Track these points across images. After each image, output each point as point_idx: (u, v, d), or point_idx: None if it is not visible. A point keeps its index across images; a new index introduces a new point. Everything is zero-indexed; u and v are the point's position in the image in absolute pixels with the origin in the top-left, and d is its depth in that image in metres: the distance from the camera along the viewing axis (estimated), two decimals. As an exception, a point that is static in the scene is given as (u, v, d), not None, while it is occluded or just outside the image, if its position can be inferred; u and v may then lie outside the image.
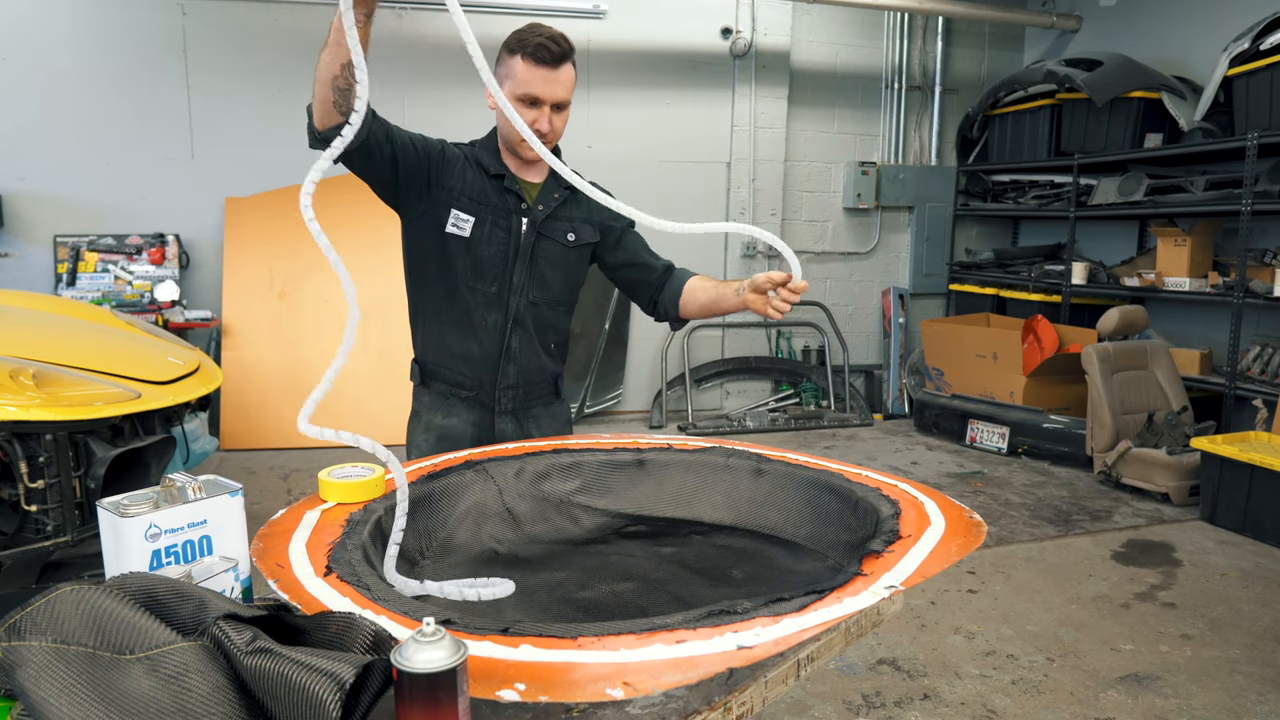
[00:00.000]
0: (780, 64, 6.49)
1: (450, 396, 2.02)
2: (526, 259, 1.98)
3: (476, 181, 1.95)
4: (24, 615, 0.84)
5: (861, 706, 2.72)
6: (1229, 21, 5.39)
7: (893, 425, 6.59)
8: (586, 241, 2.06)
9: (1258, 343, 5.20)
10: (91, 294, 5.28)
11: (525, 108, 1.85)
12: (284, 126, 5.67)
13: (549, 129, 1.87)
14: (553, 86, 1.85)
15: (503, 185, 1.96)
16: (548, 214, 1.99)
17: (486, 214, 1.95)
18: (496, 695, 0.89)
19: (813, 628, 1.04)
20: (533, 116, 1.86)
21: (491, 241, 1.95)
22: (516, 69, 1.84)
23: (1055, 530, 4.28)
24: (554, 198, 2.01)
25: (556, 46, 1.83)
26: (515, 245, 1.97)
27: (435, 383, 2.04)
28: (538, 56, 1.82)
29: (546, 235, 2.00)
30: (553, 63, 1.83)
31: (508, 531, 1.63)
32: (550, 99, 1.86)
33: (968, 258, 7.08)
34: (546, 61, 1.83)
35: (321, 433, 1.23)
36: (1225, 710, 2.71)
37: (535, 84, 1.84)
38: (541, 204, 1.99)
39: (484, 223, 1.94)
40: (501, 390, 2.01)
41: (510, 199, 1.96)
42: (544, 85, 1.84)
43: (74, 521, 2.76)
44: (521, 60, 1.83)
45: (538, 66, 1.83)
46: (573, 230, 2.03)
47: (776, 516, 1.68)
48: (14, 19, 5.22)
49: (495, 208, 1.95)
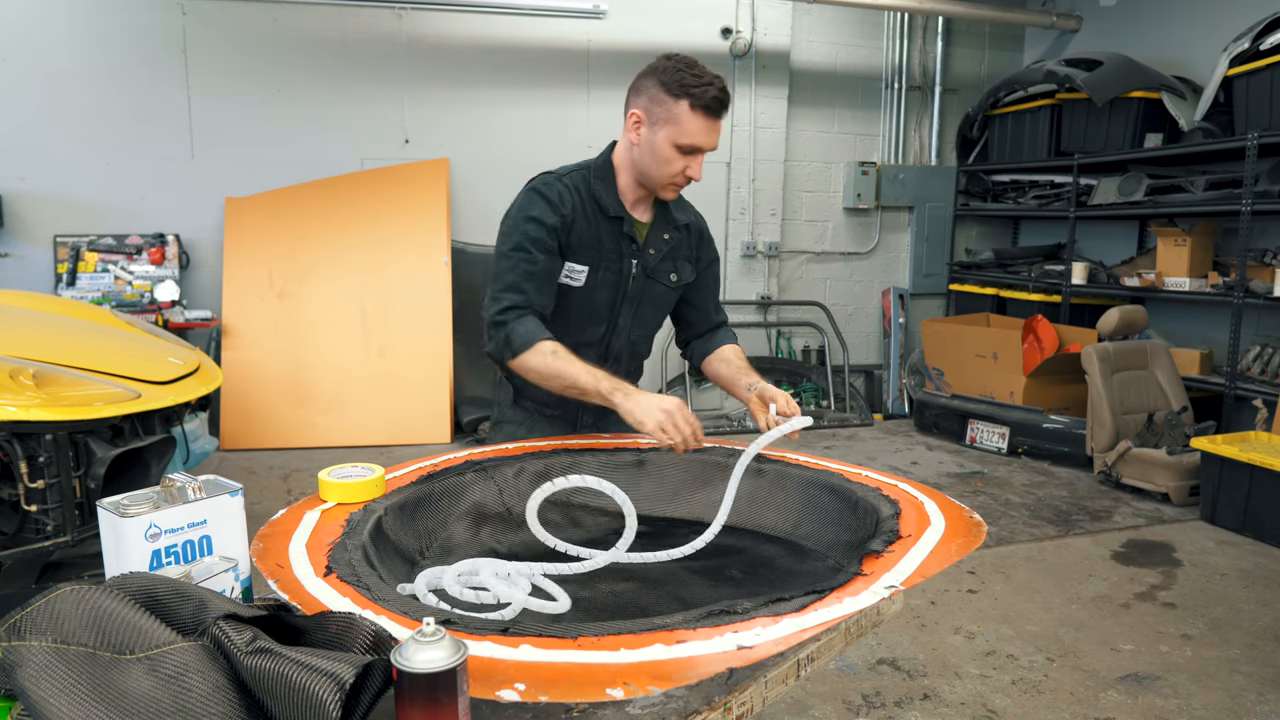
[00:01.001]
0: (780, 64, 6.49)
1: (536, 414, 2.04)
2: (634, 303, 1.97)
3: (593, 227, 1.89)
4: (24, 615, 0.84)
5: (861, 706, 2.72)
6: (1229, 21, 5.39)
7: (893, 425, 6.59)
8: (686, 281, 2.05)
9: (1258, 343, 5.20)
10: (91, 294, 5.28)
11: (681, 155, 1.80)
12: (284, 126, 5.68)
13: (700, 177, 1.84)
14: (714, 137, 1.80)
15: (620, 230, 1.91)
16: (660, 257, 1.96)
17: (601, 261, 1.90)
18: (496, 695, 0.89)
19: (813, 628, 1.04)
20: (685, 164, 1.82)
21: (603, 287, 1.92)
22: (683, 116, 1.76)
23: (1055, 530, 4.28)
24: (664, 239, 1.97)
25: (726, 98, 1.78)
26: (624, 290, 1.95)
27: (525, 400, 2.04)
28: (712, 110, 1.76)
29: (654, 278, 1.98)
30: (719, 116, 1.78)
31: (508, 531, 1.63)
32: (710, 148, 1.82)
33: (968, 258, 7.08)
34: (717, 115, 1.78)
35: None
36: (1225, 710, 2.71)
37: (700, 135, 1.78)
38: (652, 247, 1.95)
39: (598, 269, 1.90)
40: (585, 411, 2.03)
41: (625, 243, 1.92)
42: (707, 136, 1.79)
43: (74, 521, 2.76)
44: (690, 109, 1.75)
45: (707, 118, 1.77)
46: (675, 270, 2.01)
47: (776, 516, 1.68)
48: (14, 19, 5.22)
49: (609, 253, 1.91)
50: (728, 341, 2.10)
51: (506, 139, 6.00)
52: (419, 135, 5.92)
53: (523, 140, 6.04)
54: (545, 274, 1.84)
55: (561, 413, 2.03)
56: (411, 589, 1.27)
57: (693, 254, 2.05)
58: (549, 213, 1.83)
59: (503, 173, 6.11)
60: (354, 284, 5.61)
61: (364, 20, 5.72)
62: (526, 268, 1.82)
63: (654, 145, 1.80)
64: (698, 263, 2.07)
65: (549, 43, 5.98)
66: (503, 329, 1.81)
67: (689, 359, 2.15)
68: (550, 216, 1.83)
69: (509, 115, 6.02)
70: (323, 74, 5.69)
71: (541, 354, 1.78)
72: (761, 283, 6.69)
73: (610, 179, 1.91)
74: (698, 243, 2.06)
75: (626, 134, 1.85)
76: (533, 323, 1.82)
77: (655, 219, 1.97)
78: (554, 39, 5.99)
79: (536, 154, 6.15)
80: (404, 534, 1.47)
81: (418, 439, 5.55)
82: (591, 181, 1.90)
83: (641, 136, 1.82)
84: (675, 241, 1.99)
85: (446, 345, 5.69)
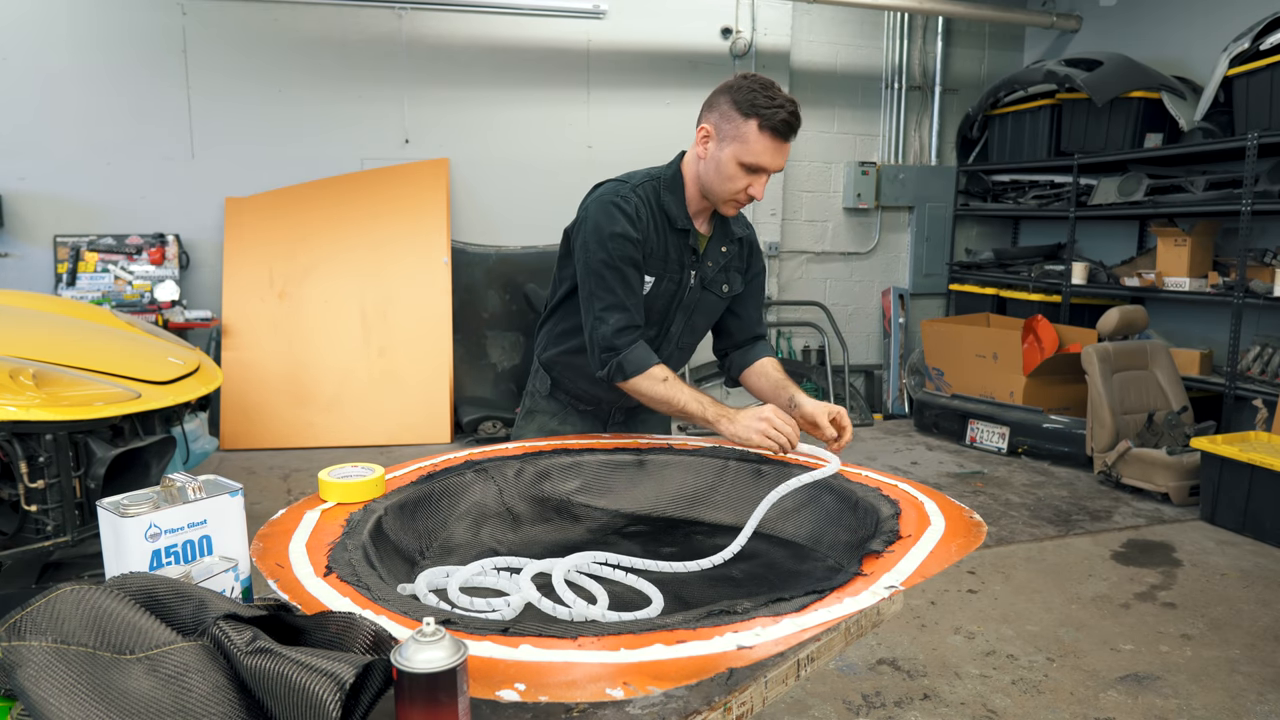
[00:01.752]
0: (780, 64, 6.49)
1: (569, 407, 2.08)
2: (689, 312, 2.00)
3: (661, 239, 1.91)
4: (24, 615, 0.84)
5: (861, 706, 2.72)
6: (1229, 21, 5.39)
7: (893, 425, 6.59)
8: (736, 292, 2.07)
9: (1258, 343, 5.20)
10: (91, 294, 5.28)
11: (745, 174, 1.81)
12: (284, 126, 5.68)
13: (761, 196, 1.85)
14: (780, 158, 1.81)
15: (685, 242, 1.93)
16: (717, 269, 1.99)
17: (665, 271, 1.93)
18: (496, 695, 0.89)
19: (813, 628, 1.04)
20: (748, 182, 1.82)
21: (662, 296, 1.95)
22: (750, 136, 1.77)
23: (1055, 530, 4.28)
24: (722, 252, 2.00)
25: (796, 122, 1.77)
26: (680, 298, 1.97)
27: (560, 393, 2.08)
28: (780, 132, 1.76)
29: (709, 289, 2.00)
30: (788, 139, 1.79)
31: (508, 531, 1.63)
32: (775, 169, 1.82)
33: (968, 258, 7.08)
34: (786, 137, 1.78)
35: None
36: (1225, 710, 2.71)
37: (766, 156, 1.79)
38: (710, 259, 1.98)
39: (661, 280, 1.93)
40: (617, 411, 2.08)
41: (688, 255, 1.95)
42: (773, 157, 1.79)
43: (74, 521, 2.76)
44: (759, 129, 1.76)
45: (774, 139, 1.77)
46: (727, 282, 2.04)
47: (777, 516, 1.68)
48: (14, 19, 5.22)
49: (673, 264, 1.93)
50: (766, 355, 2.12)
51: (506, 139, 6.00)
52: (419, 135, 5.92)
53: (523, 140, 6.04)
54: (639, 288, 1.89)
55: (594, 408, 2.08)
56: (411, 589, 1.27)
57: (744, 265, 2.07)
58: (631, 228, 1.85)
59: (503, 173, 6.13)
60: (354, 284, 5.61)
61: (364, 20, 5.72)
62: (623, 285, 1.86)
63: (720, 162, 1.82)
64: (746, 273, 2.09)
65: (549, 43, 5.98)
66: (616, 355, 1.86)
67: (727, 370, 2.17)
68: (634, 231, 1.85)
69: (509, 115, 6.02)
70: (323, 74, 5.69)
71: (653, 379, 1.85)
72: (761, 283, 6.69)
73: (679, 191, 1.92)
74: (749, 254, 2.09)
75: (695, 147, 1.88)
76: (643, 348, 1.87)
77: (714, 231, 2.00)
78: (554, 39, 5.99)
79: (536, 154, 6.17)
80: (404, 534, 1.47)
81: (418, 439, 5.55)
82: (661, 193, 1.92)
83: (709, 151, 1.84)
84: (731, 254, 2.02)
85: (446, 345, 5.69)
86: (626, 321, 1.85)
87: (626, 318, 1.86)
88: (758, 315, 2.17)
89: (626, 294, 1.85)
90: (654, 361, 1.86)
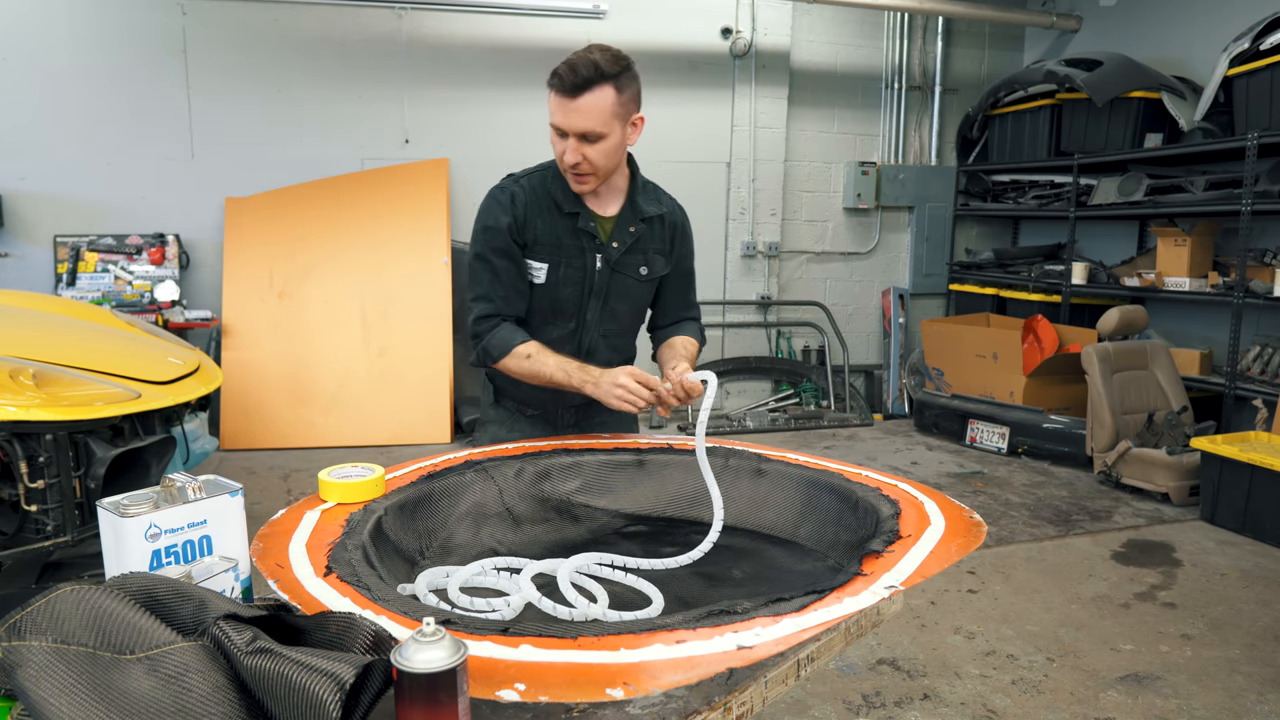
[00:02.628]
0: (780, 64, 6.49)
1: (516, 414, 2.07)
2: (601, 297, 1.97)
3: (550, 224, 1.90)
4: (24, 615, 0.84)
5: (861, 706, 2.72)
6: (1229, 21, 5.39)
7: (893, 425, 6.59)
8: (659, 274, 2.04)
9: (1258, 343, 5.20)
10: (91, 294, 5.28)
11: (557, 137, 1.80)
12: (284, 126, 5.68)
13: (576, 160, 1.79)
14: (571, 116, 1.75)
15: (576, 225, 1.91)
16: (624, 250, 1.95)
17: (561, 257, 1.91)
18: (496, 695, 0.89)
19: (813, 628, 1.04)
20: (562, 147, 1.80)
21: (567, 283, 1.93)
22: (550, 100, 1.78)
23: (1055, 530, 4.28)
24: (629, 232, 1.95)
25: (573, 75, 1.71)
26: (590, 285, 1.94)
27: (506, 400, 2.08)
28: (554, 86, 1.74)
29: (621, 271, 1.97)
30: (567, 92, 1.73)
31: (508, 531, 1.63)
32: (570, 129, 1.76)
33: (968, 258, 7.08)
34: (562, 91, 1.73)
35: None
36: (1225, 710, 2.71)
37: (555, 114, 1.77)
38: (616, 240, 1.94)
39: (559, 266, 1.91)
40: (565, 409, 2.05)
41: (584, 238, 1.92)
42: (562, 115, 1.76)
43: (74, 521, 2.76)
44: (549, 90, 1.77)
45: (556, 95, 1.75)
46: (646, 264, 2.00)
47: (776, 516, 1.68)
48: (14, 19, 5.22)
49: (569, 249, 1.91)
50: (687, 332, 2.10)
51: (506, 139, 6.00)
52: (419, 135, 5.91)
53: (523, 140, 6.03)
54: (509, 278, 1.90)
55: (542, 412, 2.05)
56: (411, 589, 1.27)
57: (666, 246, 2.03)
58: (500, 216, 1.88)
59: (502, 172, 6.09)
60: (354, 284, 5.61)
61: (364, 20, 5.72)
62: (490, 276, 1.90)
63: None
64: (670, 255, 2.05)
65: (549, 43, 5.97)
66: (480, 341, 1.92)
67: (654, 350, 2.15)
68: (502, 219, 1.88)
69: (509, 115, 6.02)
70: (323, 74, 5.69)
71: (518, 358, 1.88)
72: (761, 283, 6.69)
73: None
74: (673, 235, 2.04)
75: None
76: (506, 329, 1.90)
77: (622, 212, 1.96)
78: (554, 39, 5.98)
79: (536, 154, 6.11)
80: (404, 534, 1.47)
81: (418, 439, 5.55)
82: (549, 180, 1.92)
83: None
84: (642, 234, 1.97)
85: (446, 345, 5.69)
86: (489, 310, 1.90)
87: (489, 306, 1.90)
88: (686, 299, 2.14)
89: (492, 284, 1.90)
90: (517, 341, 1.88)
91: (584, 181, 1.86)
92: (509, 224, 1.87)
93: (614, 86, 1.76)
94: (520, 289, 1.92)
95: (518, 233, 1.88)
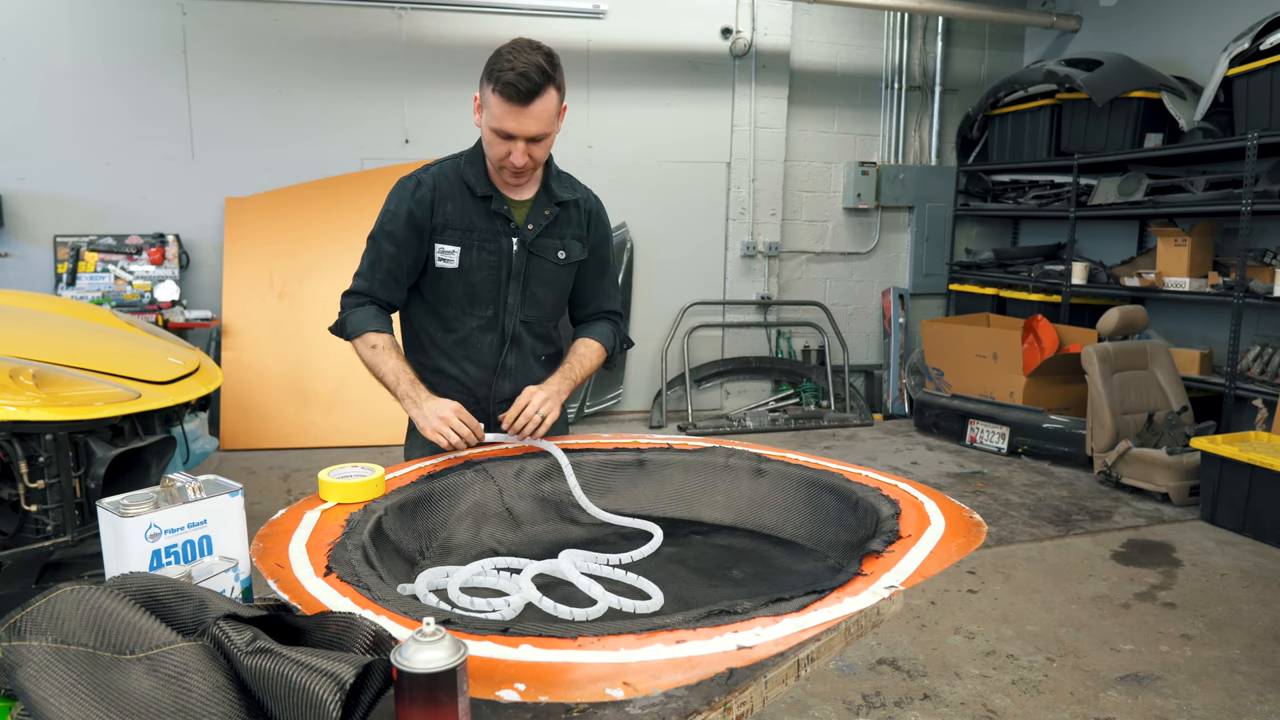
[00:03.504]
0: (780, 64, 6.49)
1: None
2: (520, 280, 1.96)
3: (462, 208, 1.92)
4: (24, 615, 0.84)
5: (861, 706, 2.72)
6: (1229, 21, 5.39)
7: (893, 425, 6.59)
8: (577, 259, 2.03)
9: (1258, 343, 5.20)
10: (91, 294, 5.28)
11: (500, 140, 1.79)
12: (284, 126, 5.68)
13: (523, 163, 1.81)
14: (524, 122, 1.76)
15: (490, 208, 1.92)
16: (539, 233, 1.95)
17: (473, 240, 1.91)
18: (496, 695, 0.89)
19: (813, 628, 1.04)
20: (506, 149, 1.80)
21: (482, 267, 1.93)
22: (491, 101, 1.76)
23: (1055, 530, 4.28)
24: (544, 215, 1.96)
25: (526, 83, 1.71)
26: (507, 267, 1.94)
27: None
28: (506, 95, 1.73)
29: (537, 254, 1.97)
30: (521, 100, 1.73)
31: (508, 531, 1.63)
32: (521, 135, 1.78)
33: (968, 258, 7.08)
34: (515, 100, 1.73)
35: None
36: (1225, 710, 2.71)
37: (506, 120, 1.76)
38: (531, 222, 1.95)
39: (471, 249, 1.92)
40: (497, 405, 1.99)
41: (499, 221, 1.93)
42: (514, 122, 1.76)
43: (74, 521, 2.76)
44: (493, 93, 1.75)
45: (507, 103, 1.74)
46: (563, 248, 2.00)
47: (776, 516, 1.68)
48: (14, 19, 5.22)
49: (482, 232, 1.92)
50: (594, 335, 2.08)
51: (506, 139, 6.00)
52: (419, 135, 5.91)
53: (523, 140, 6.03)
54: (392, 262, 1.93)
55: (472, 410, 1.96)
56: (411, 589, 1.28)
57: (582, 232, 2.03)
58: (400, 203, 1.91)
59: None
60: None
61: (364, 20, 5.72)
62: (372, 257, 1.95)
63: (483, 131, 1.84)
64: (587, 240, 2.05)
65: (549, 42, 5.90)
66: (342, 314, 1.97)
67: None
68: (401, 205, 1.91)
69: (509, 115, 6.01)
70: (323, 74, 5.69)
71: (365, 344, 1.92)
72: (761, 283, 6.69)
73: (480, 162, 1.93)
74: (588, 221, 2.05)
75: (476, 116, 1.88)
76: (366, 313, 1.94)
77: (537, 196, 1.97)
78: (554, 39, 5.93)
79: (536, 154, 6.17)
80: (404, 534, 1.47)
81: (418, 439, 5.55)
82: (463, 166, 1.94)
83: (480, 120, 1.84)
84: (556, 217, 1.98)
85: (446, 345, 5.69)
86: (360, 287, 1.96)
87: (363, 284, 1.96)
88: (604, 291, 2.13)
89: (373, 265, 1.94)
90: (371, 328, 1.91)
91: (520, 178, 1.89)
92: (407, 211, 1.90)
93: (555, 86, 1.78)
94: (399, 279, 1.95)
95: (421, 217, 1.90)
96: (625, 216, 6.26)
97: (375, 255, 1.94)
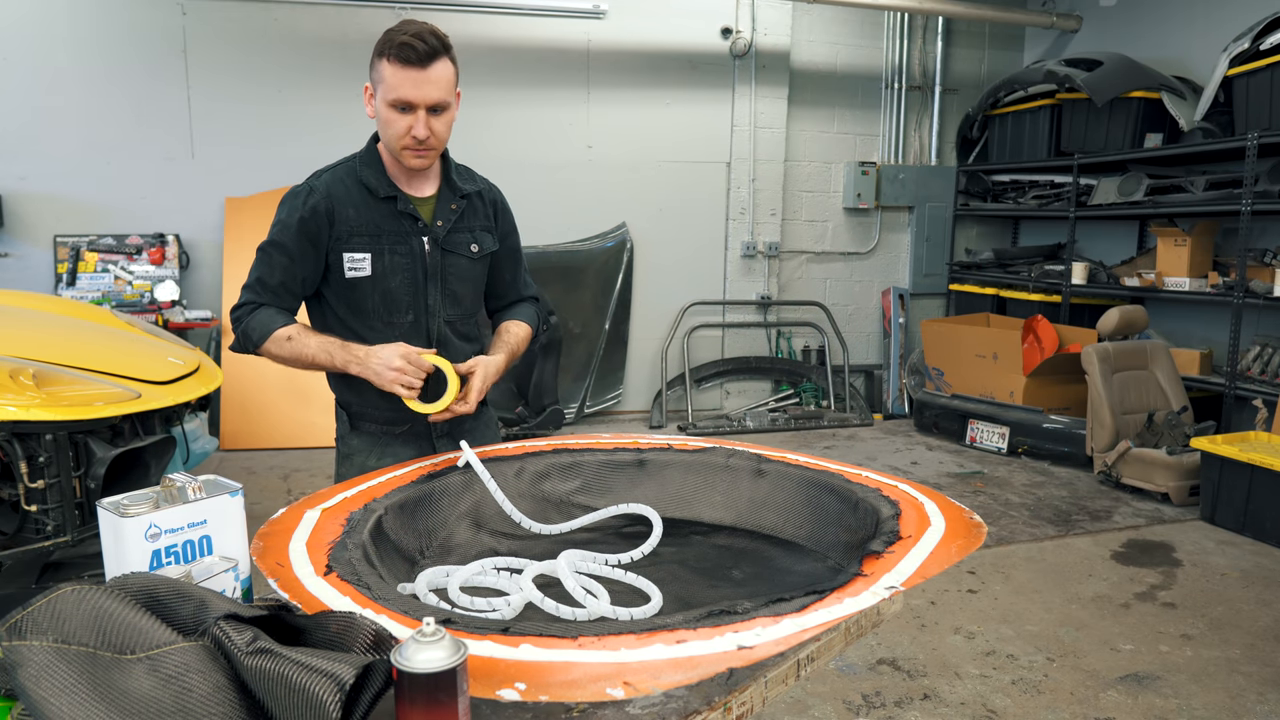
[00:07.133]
0: (780, 64, 6.49)
1: (383, 435, 1.93)
2: (437, 280, 1.89)
3: (365, 213, 1.84)
4: (25, 615, 0.84)
5: (861, 706, 2.72)
6: (1229, 21, 5.39)
7: (893, 425, 6.59)
8: (489, 250, 1.99)
9: (1258, 343, 5.20)
10: (91, 294, 5.28)
11: (399, 114, 1.73)
12: (284, 126, 5.68)
13: (426, 134, 1.75)
14: (424, 88, 1.71)
15: (396, 209, 1.85)
16: (449, 228, 1.90)
17: (383, 244, 1.84)
18: (496, 695, 0.89)
19: (813, 628, 1.04)
20: (407, 123, 1.74)
21: (397, 271, 1.85)
22: (387, 74, 1.71)
23: (1055, 530, 4.28)
24: (451, 210, 1.91)
25: (422, 44, 1.68)
26: (423, 268, 1.87)
27: (366, 424, 1.93)
28: (402, 57, 1.68)
29: (451, 251, 1.91)
30: (419, 62, 1.68)
31: (508, 532, 1.62)
32: (422, 101, 1.72)
33: (968, 258, 7.08)
34: (413, 62, 1.68)
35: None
36: (1225, 710, 2.71)
37: (404, 87, 1.70)
38: (440, 219, 1.89)
39: (383, 254, 1.84)
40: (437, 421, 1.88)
41: (407, 221, 1.86)
42: (413, 88, 1.70)
43: (74, 521, 2.76)
44: (388, 63, 1.70)
45: (404, 68, 1.69)
46: (475, 241, 1.95)
47: (776, 516, 1.68)
48: (14, 19, 5.22)
49: (391, 235, 1.85)
50: (520, 317, 2.06)
51: (506, 139, 6.00)
52: (419, 135, 5.91)
53: (523, 140, 6.03)
54: (285, 274, 1.83)
55: (411, 426, 1.91)
56: (412, 588, 1.28)
57: (490, 223, 2.01)
58: (292, 211, 1.83)
59: (503, 173, 6.09)
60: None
61: (364, 20, 5.71)
62: (262, 270, 1.84)
63: (379, 112, 1.78)
64: (496, 231, 2.02)
65: (549, 43, 5.98)
66: (239, 326, 1.84)
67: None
68: (293, 214, 1.82)
69: (509, 115, 6.02)
70: (322, 74, 5.69)
71: (278, 342, 1.80)
72: (761, 283, 6.69)
73: (377, 163, 1.88)
74: (494, 213, 2.02)
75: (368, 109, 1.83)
76: (266, 313, 1.83)
77: (440, 192, 1.92)
78: (554, 39, 5.98)
79: (536, 154, 6.17)
80: (404, 533, 1.48)
81: (418, 439, 5.55)
82: (359, 169, 1.87)
83: (374, 108, 1.80)
84: (463, 210, 1.94)
85: (446, 345, 5.68)
86: (246, 298, 1.85)
87: (254, 296, 1.85)
88: (519, 276, 2.10)
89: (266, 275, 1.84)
90: (278, 325, 1.81)
91: (425, 156, 1.81)
92: (299, 220, 1.81)
93: (450, 59, 1.75)
94: (293, 290, 1.86)
95: (315, 225, 1.82)
96: (625, 216, 6.26)
97: (267, 266, 1.83)
